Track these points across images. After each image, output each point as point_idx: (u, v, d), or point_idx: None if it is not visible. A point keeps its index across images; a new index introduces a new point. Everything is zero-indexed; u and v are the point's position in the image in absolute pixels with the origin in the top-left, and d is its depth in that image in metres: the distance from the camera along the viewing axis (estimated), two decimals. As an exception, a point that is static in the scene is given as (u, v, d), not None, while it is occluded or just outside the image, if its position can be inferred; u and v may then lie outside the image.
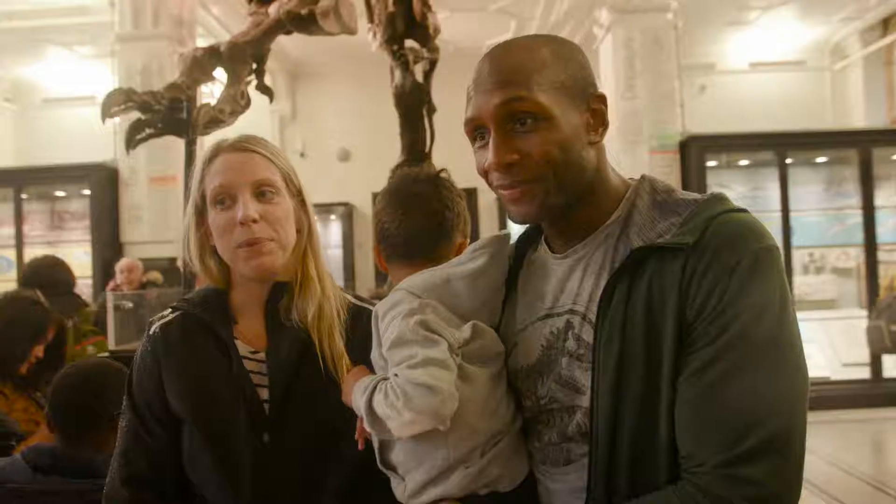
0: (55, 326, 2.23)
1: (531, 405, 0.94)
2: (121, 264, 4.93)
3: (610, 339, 0.82)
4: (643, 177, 0.94)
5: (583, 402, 0.86)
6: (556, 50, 0.88)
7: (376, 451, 0.99)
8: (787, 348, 0.79)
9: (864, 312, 5.69)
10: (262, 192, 1.07)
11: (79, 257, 5.98)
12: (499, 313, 1.01)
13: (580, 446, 0.87)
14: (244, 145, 1.09)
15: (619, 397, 0.81)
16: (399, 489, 0.96)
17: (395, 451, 0.95)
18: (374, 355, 0.99)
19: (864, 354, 5.56)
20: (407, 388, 0.85)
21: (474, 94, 0.89)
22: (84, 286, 5.34)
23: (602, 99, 0.90)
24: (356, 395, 0.95)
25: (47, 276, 3.46)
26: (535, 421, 0.94)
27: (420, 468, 0.92)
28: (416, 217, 1.01)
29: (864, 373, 5.57)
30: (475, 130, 0.90)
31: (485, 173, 0.90)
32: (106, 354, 2.31)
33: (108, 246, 5.65)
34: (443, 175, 1.07)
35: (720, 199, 0.86)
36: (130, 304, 2.42)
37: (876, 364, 5.61)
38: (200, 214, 1.11)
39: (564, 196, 0.87)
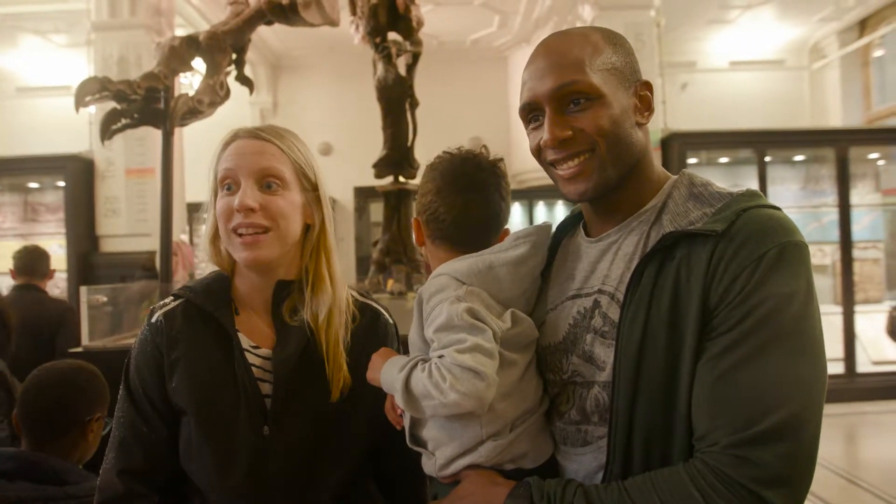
0: None
1: (557, 380, 0.96)
2: None
3: (635, 317, 0.84)
4: (683, 172, 0.96)
5: (601, 378, 0.89)
6: (606, 36, 0.93)
7: (406, 428, 1.00)
8: (808, 339, 0.79)
9: (839, 309, 5.77)
10: (267, 182, 1.05)
11: (53, 251, 5.84)
12: (534, 303, 1.03)
13: (597, 428, 0.90)
14: (259, 133, 1.08)
15: (638, 373, 0.83)
16: (429, 464, 0.98)
17: (427, 427, 0.97)
18: (414, 336, 0.99)
19: (839, 350, 5.66)
20: (454, 370, 0.86)
21: (529, 80, 0.92)
22: (59, 280, 5.24)
23: (648, 86, 0.94)
24: (390, 370, 0.95)
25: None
26: (559, 397, 0.97)
27: (452, 444, 0.94)
28: (477, 209, 1.01)
29: (839, 368, 5.66)
30: (530, 114, 0.94)
31: (538, 151, 0.94)
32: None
33: (83, 239, 5.52)
34: (501, 165, 1.07)
35: (754, 194, 0.88)
36: (105, 298, 2.37)
37: (850, 360, 5.70)
38: (215, 194, 1.10)
39: (616, 170, 0.90)
